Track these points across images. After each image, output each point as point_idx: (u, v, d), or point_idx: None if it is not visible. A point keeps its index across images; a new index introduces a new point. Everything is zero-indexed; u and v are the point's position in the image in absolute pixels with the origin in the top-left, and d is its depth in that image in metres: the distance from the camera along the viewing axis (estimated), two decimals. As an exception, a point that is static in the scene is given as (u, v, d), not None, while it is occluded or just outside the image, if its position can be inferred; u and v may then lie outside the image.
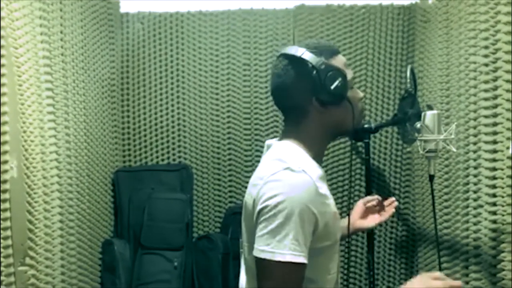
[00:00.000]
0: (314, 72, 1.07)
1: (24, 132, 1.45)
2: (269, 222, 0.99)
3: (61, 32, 1.80)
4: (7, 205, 1.29)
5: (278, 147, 1.13)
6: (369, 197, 1.45)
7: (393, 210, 1.42)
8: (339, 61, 1.12)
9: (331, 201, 1.09)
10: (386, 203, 1.43)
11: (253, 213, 1.06)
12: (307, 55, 1.08)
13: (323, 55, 1.09)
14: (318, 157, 1.14)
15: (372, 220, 1.42)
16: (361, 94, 1.20)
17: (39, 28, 1.62)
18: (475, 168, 1.64)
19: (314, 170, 1.06)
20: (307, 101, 1.10)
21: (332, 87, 1.07)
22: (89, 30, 2.08)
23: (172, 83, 2.42)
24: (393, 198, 1.44)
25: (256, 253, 1.01)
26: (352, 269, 2.40)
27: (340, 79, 1.08)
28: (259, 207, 1.02)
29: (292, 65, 1.10)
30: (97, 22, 2.17)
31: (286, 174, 1.02)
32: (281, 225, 0.97)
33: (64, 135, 1.78)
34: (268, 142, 1.18)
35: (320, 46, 1.12)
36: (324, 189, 1.06)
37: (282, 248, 0.97)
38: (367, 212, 1.44)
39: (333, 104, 1.10)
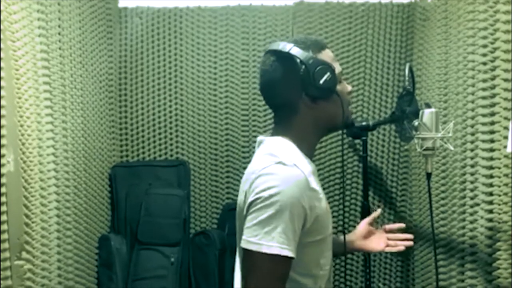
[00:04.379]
0: (303, 67, 1.06)
1: (21, 126, 1.45)
2: (259, 213, 0.99)
3: (59, 26, 1.79)
4: (3, 199, 1.28)
5: (270, 143, 1.13)
6: (374, 214, 1.41)
7: (403, 248, 1.36)
8: (327, 55, 1.12)
9: (322, 196, 1.09)
10: (398, 236, 1.38)
11: (243, 208, 1.06)
12: (295, 50, 1.07)
13: (311, 49, 1.09)
14: (309, 153, 1.14)
15: (379, 244, 1.37)
16: (349, 88, 1.19)
17: (37, 22, 1.61)
18: (472, 166, 1.64)
19: (305, 165, 1.07)
20: (296, 97, 1.10)
21: (322, 81, 1.07)
22: (87, 24, 2.07)
23: (170, 79, 2.41)
24: (410, 236, 1.38)
25: (243, 243, 1.01)
26: (348, 267, 2.40)
27: (329, 73, 1.07)
28: (250, 199, 1.02)
29: (280, 61, 1.10)
30: (95, 17, 2.16)
31: (278, 167, 1.02)
32: (271, 218, 0.97)
33: (62, 130, 1.77)
34: (259, 138, 1.18)
35: (307, 40, 1.11)
36: (315, 183, 1.07)
37: (269, 240, 0.97)
38: (372, 232, 1.40)
39: (322, 98, 1.10)
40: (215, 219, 2.43)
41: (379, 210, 1.43)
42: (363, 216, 2.08)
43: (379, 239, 1.40)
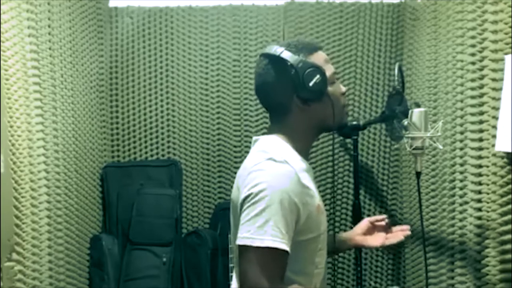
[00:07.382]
0: (293, 70, 1.09)
1: (11, 127, 1.44)
2: (251, 209, 1.00)
3: (49, 26, 1.78)
4: (-7, 200, 1.28)
5: (264, 141, 1.15)
6: (377, 216, 1.39)
7: (402, 238, 1.32)
8: (318, 57, 1.14)
9: (315, 193, 1.10)
10: (395, 228, 1.36)
11: (237, 204, 1.07)
12: (285, 54, 1.10)
13: (302, 52, 1.11)
14: (303, 152, 1.16)
15: (377, 240, 1.34)
16: (343, 89, 1.21)
17: (27, 22, 1.60)
18: (461, 165, 1.66)
19: (297, 163, 1.08)
20: (288, 99, 1.12)
21: (311, 84, 1.09)
22: (78, 24, 2.06)
23: (161, 79, 2.41)
24: (407, 226, 1.36)
25: (237, 241, 1.02)
26: (340, 265, 2.42)
27: (318, 75, 1.09)
28: (242, 196, 1.03)
29: (271, 64, 1.12)
30: (85, 16, 2.15)
31: (268, 164, 1.04)
32: (262, 212, 0.99)
33: (52, 130, 1.76)
34: (255, 137, 1.20)
35: (299, 44, 1.13)
36: (307, 181, 1.08)
37: (261, 234, 0.98)
38: (373, 230, 1.38)
39: (313, 100, 1.12)
40: (207, 218, 2.43)
41: (384, 217, 1.38)
42: (354, 215, 2.10)
43: (378, 236, 1.38)
